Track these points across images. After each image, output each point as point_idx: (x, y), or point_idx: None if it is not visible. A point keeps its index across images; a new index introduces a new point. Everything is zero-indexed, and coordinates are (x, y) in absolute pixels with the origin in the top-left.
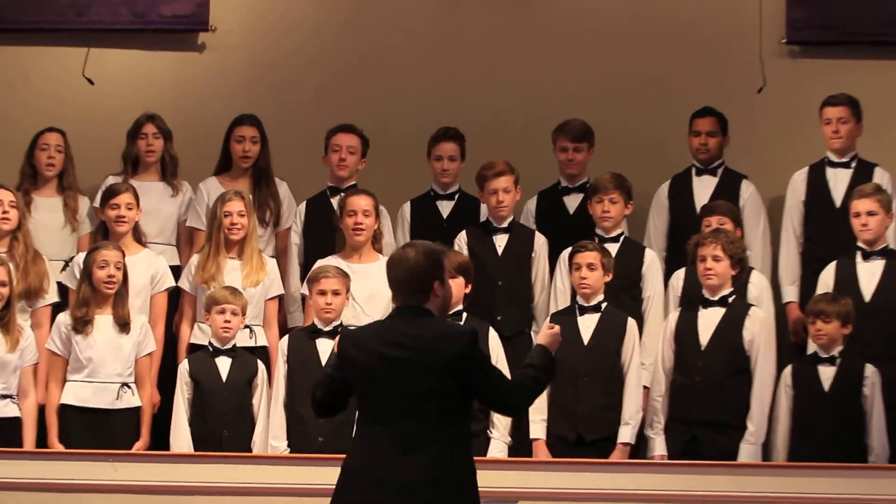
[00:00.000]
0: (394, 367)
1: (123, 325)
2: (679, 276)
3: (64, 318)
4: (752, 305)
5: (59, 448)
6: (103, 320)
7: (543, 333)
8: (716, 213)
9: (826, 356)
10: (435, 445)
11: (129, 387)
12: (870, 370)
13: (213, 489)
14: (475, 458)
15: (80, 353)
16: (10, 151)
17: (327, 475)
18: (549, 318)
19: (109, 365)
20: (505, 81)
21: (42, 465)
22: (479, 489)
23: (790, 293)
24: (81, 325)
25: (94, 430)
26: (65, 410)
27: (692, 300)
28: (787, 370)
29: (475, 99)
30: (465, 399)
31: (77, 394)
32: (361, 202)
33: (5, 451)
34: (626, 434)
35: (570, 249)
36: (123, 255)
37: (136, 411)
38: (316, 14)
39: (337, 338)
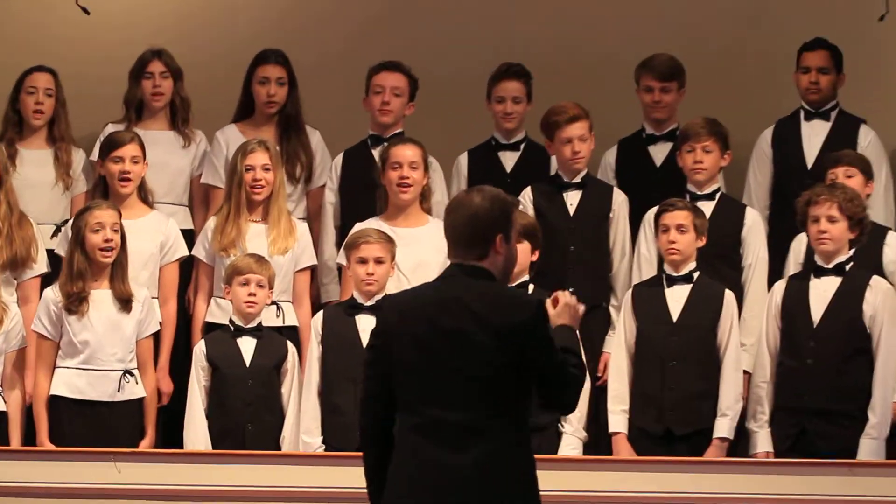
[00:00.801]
0: (446, 339)
1: (125, 301)
2: (802, 239)
3: (52, 293)
4: (874, 274)
5: (50, 447)
6: (101, 296)
7: (558, 312)
8: (842, 163)
9: None
10: (490, 440)
11: (131, 375)
12: None
13: (235, 493)
14: (545, 456)
15: (75, 336)
16: None
17: None
18: (630, 290)
19: (109, 349)
20: (578, 10)
21: (32, 467)
22: (550, 493)
23: None
24: (76, 303)
25: (91, 427)
26: (56, 403)
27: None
28: None
29: (543, 31)
30: (525, 384)
31: (71, 384)
32: (407, 153)
33: None
34: (723, 427)
35: (655, 209)
36: (120, 216)
37: (140, 403)
38: None
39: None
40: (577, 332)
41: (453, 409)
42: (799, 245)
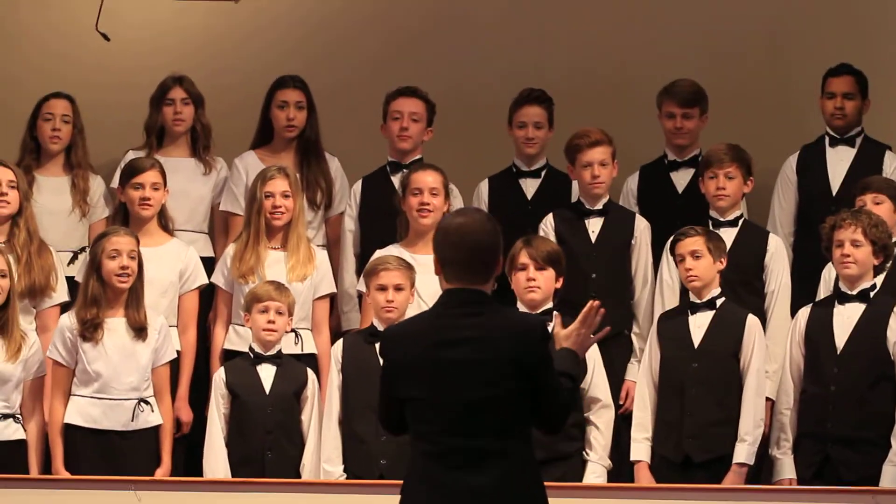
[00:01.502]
0: (457, 370)
1: (139, 329)
2: (832, 268)
3: (68, 320)
4: None
5: (65, 475)
6: (115, 324)
7: (566, 334)
8: (871, 189)
9: None
10: (505, 461)
11: (147, 403)
12: None
13: None
14: (570, 483)
15: (89, 365)
16: (10, 121)
17: None
18: (657, 318)
19: (123, 378)
20: (600, 36)
21: (53, 495)
22: None
23: None
24: (90, 330)
25: (105, 456)
26: (71, 431)
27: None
28: None
29: (565, 57)
30: (528, 406)
31: (85, 412)
32: (428, 179)
33: (8, 479)
34: (742, 453)
35: (672, 238)
36: (138, 243)
37: (156, 431)
38: None
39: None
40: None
41: (469, 435)
42: (829, 273)
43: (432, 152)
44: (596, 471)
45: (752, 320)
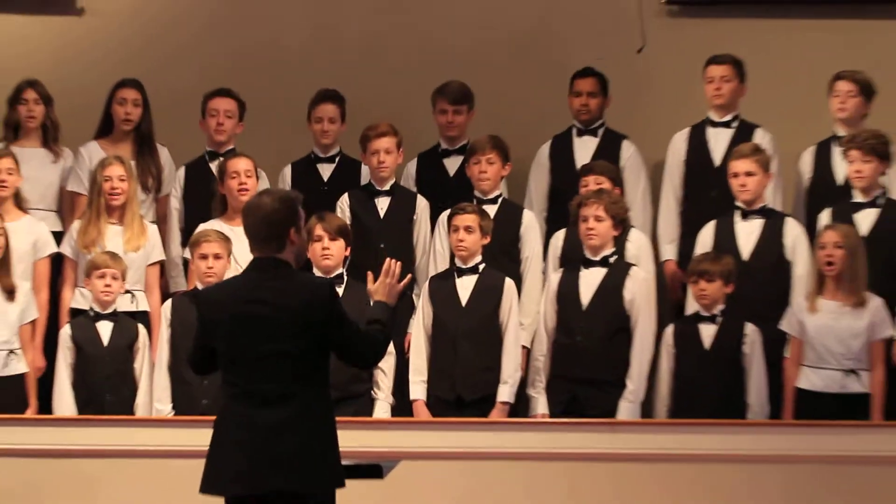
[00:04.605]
0: (255, 325)
1: (9, 292)
2: (559, 236)
3: None
4: (633, 265)
5: None
6: None
7: (375, 289)
8: (593, 172)
9: (707, 315)
10: (294, 404)
11: (15, 353)
12: (750, 328)
13: (97, 451)
14: (361, 419)
15: None
16: None
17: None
18: (427, 281)
19: None
20: (387, 45)
21: None
22: (364, 450)
23: (668, 251)
24: None
25: None
26: None
27: (574, 261)
28: (669, 329)
29: (357, 65)
30: (325, 356)
31: None
32: (242, 164)
33: None
34: (504, 393)
35: (448, 211)
36: (3, 220)
37: (22, 378)
38: None
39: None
40: (393, 305)
41: (265, 381)
42: (557, 241)
43: (242, 142)
44: (383, 407)
45: (508, 283)
